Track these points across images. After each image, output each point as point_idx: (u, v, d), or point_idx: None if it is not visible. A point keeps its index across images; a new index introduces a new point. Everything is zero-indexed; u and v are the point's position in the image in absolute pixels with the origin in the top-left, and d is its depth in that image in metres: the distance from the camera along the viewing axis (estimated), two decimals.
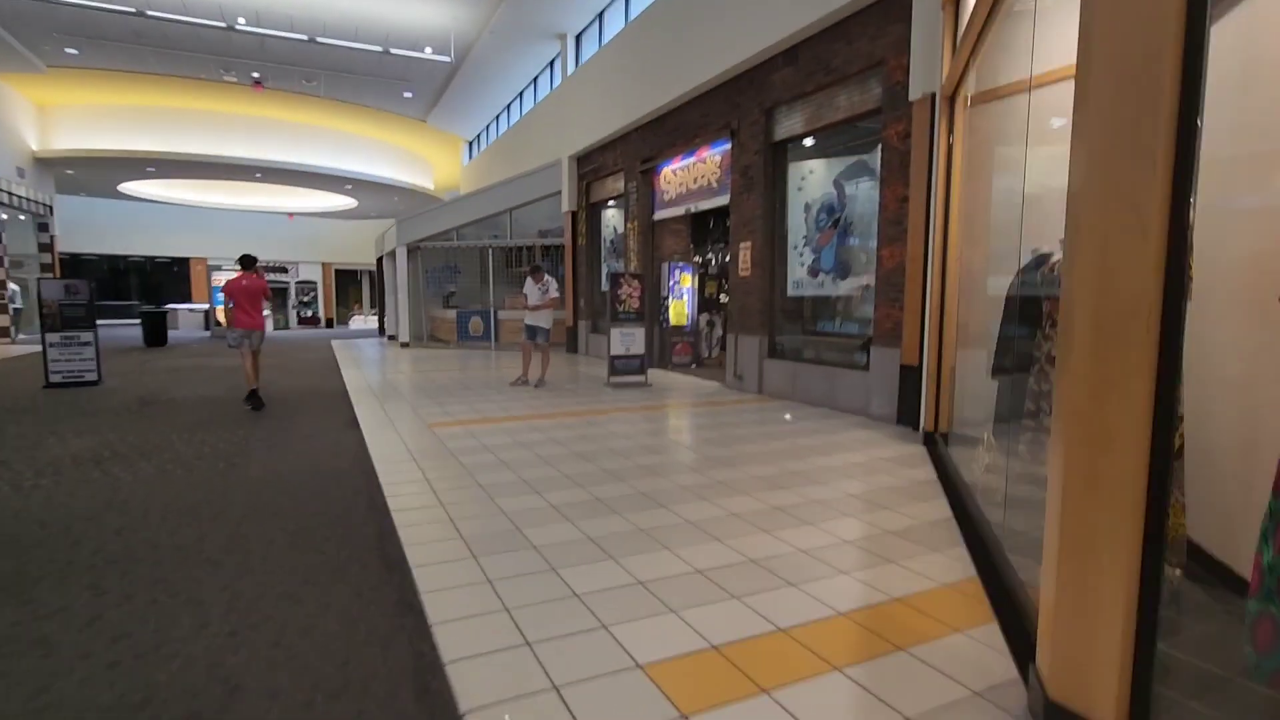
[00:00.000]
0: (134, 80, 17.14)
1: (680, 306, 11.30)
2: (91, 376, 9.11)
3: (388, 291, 19.26)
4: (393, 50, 14.04)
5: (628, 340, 9.08)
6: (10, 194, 16.94)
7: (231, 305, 7.75)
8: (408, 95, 17.68)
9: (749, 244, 8.43)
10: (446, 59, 14.59)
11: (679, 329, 11.30)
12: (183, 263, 29.69)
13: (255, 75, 16.35)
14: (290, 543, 3.34)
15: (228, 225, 28.48)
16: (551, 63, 15.66)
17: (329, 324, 31.19)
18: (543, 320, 9.04)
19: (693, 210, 10.10)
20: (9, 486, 4.33)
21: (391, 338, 18.98)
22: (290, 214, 29.16)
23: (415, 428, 6.16)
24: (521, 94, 17.78)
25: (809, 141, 7.84)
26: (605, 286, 13.33)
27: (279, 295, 29.58)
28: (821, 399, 7.34)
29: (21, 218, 18.34)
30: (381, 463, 4.80)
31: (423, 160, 24.51)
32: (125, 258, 29.50)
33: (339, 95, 17.93)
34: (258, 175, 20.91)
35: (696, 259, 11.95)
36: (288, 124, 20.25)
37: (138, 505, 3.93)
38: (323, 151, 20.66)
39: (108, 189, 23.55)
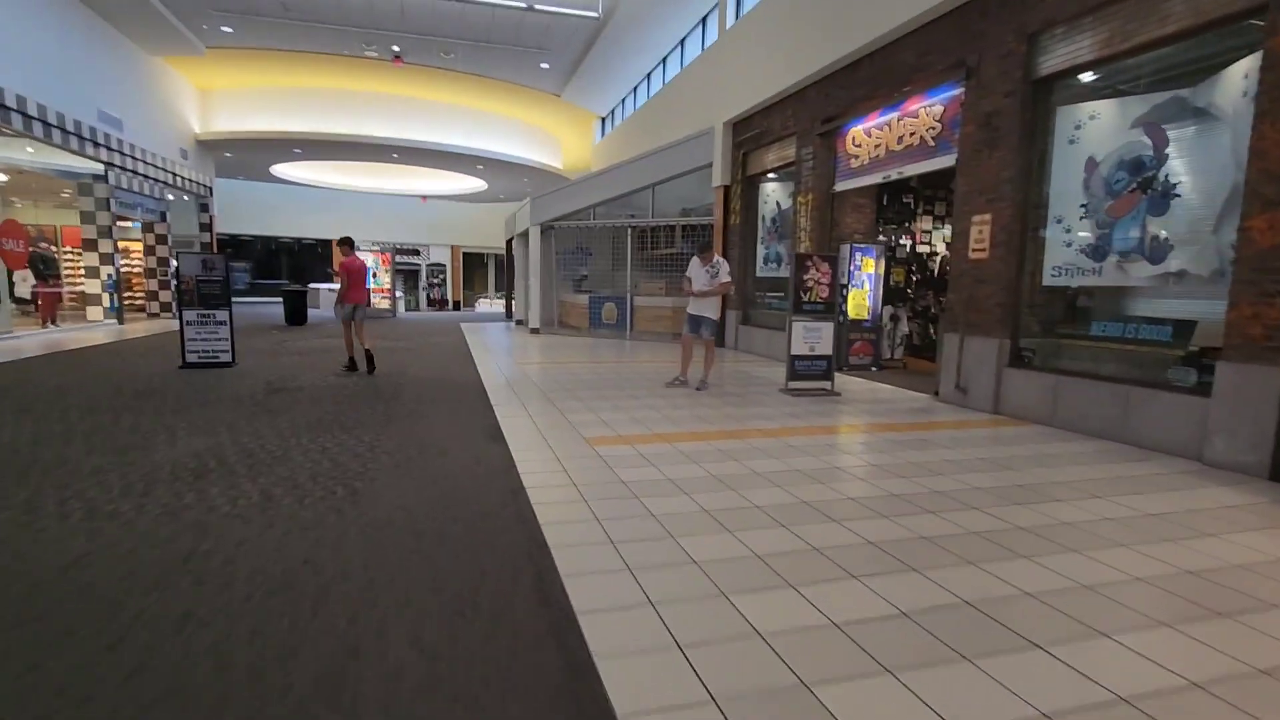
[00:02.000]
0: (283, 60, 17.27)
1: (860, 297, 9.40)
2: (226, 358, 8.59)
3: (517, 275, 18.52)
4: (537, 6, 12.95)
5: (812, 337, 7.35)
6: (175, 174, 17.65)
7: (346, 280, 8.39)
8: (544, 66, 16.69)
9: (987, 217, 6.44)
10: (593, 14, 13.33)
11: (858, 323, 9.41)
12: (326, 244, 30.93)
13: (395, 49, 15.91)
14: (429, 659, 1.98)
15: (366, 208, 29.26)
16: (705, 18, 14.00)
17: (456, 306, 31.50)
18: (709, 309, 7.51)
19: (895, 176, 8.15)
20: (82, 512, 3.34)
21: (519, 322, 18.25)
22: (423, 197, 29.53)
23: (573, 446, 4.82)
24: (665, 59, 16.29)
25: (1088, 76, 5.74)
26: (764, 271, 11.62)
27: (411, 277, 30.17)
28: (1104, 428, 5.31)
29: (185, 198, 19.17)
30: (545, 511, 3.43)
31: (553, 140, 23.72)
32: (277, 239, 31.12)
33: (475, 69, 17.25)
34: (395, 155, 20.86)
35: (882, 239, 9.95)
36: (423, 103, 19.97)
37: (220, 563, 2.76)
38: (456, 131, 20.25)
39: (261, 172, 24.58)
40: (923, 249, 10.56)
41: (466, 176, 25.00)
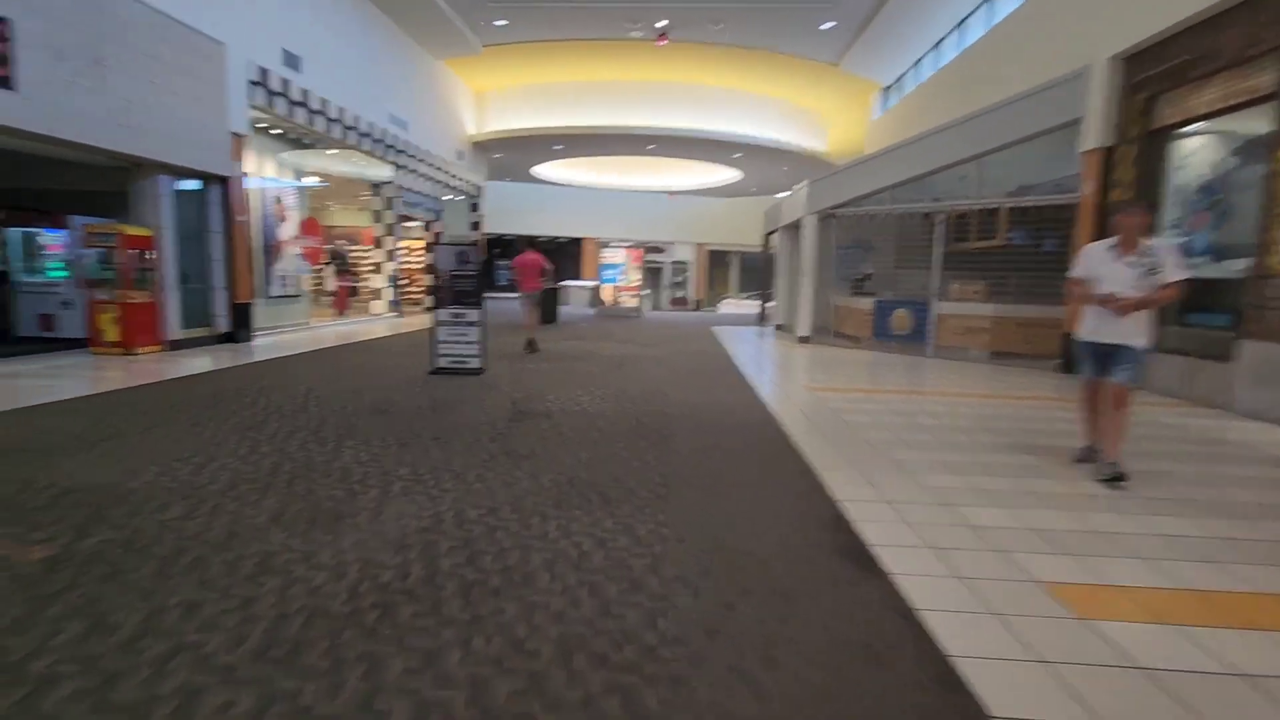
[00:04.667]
0: (548, 54, 16.96)
1: None
2: (475, 364, 7.54)
3: (779, 273, 16.22)
4: None
5: None
6: (452, 175, 18.40)
7: (517, 274, 10.09)
8: (827, 27, 14.10)
9: None
10: None
11: None
12: (577, 242, 31.65)
13: (659, 25, 14.53)
14: None
15: (615, 205, 29.20)
16: None
17: (697, 307, 30.23)
18: (1134, 334, 4.19)
19: None
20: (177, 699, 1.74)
21: (779, 328, 15.93)
22: (671, 193, 28.65)
23: (1029, 602, 2.35)
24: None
25: None
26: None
27: (652, 275, 29.54)
28: None
29: (459, 199, 20.09)
30: None
31: (818, 121, 20.98)
32: (535, 238, 32.62)
33: (744, 39, 15.27)
34: (651, 146, 19.83)
35: None
36: (681, 87, 18.58)
37: None
38: (715, 116, 18.54)
39: (522, 173, 25.44)
40: None
41: (720, 168, 23.34)
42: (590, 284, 25.55)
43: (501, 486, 3.66)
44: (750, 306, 24.74)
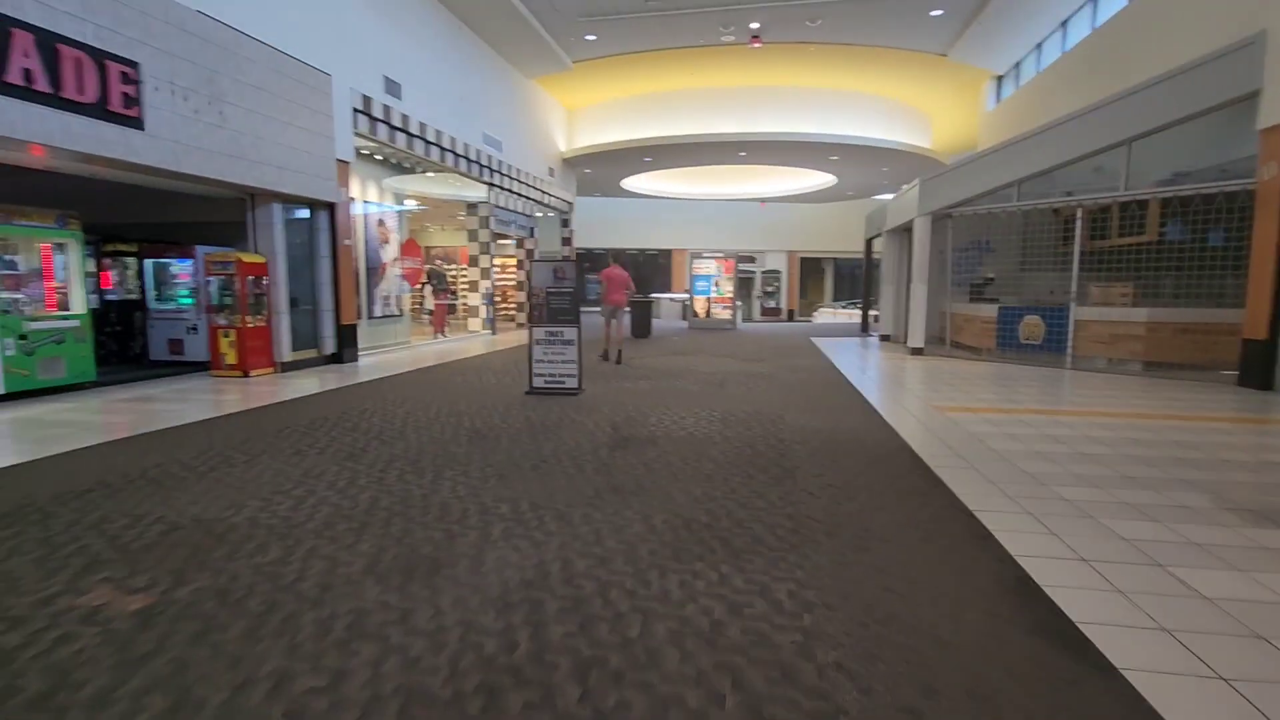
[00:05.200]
0: (638, 66, 16.80)
1: None
2: (572, 384, 7.26)
3: (884, 280, 15.21)
4: None
5: None
6: (545, 192, 18.57)
7: (603, 287, 10.51)
8: (937, 14, 13.11)
9: None
10: None
11: None
12: (667, 254, 31.41)
13: (754, 26, 14.02)
14: None
15: (706, 215, 28.78)
16: None
17: (790, 316, 29.20)
18: None
19: None
20: None
21: (885, 338, 14.92)
22: (762, 201, 27.91)
23: None
24: None
25: None
26: None
27: (744, 285, 28.79)
28: None
29: (550, 215, 20.27)
30: None
31: (922, 117, 19.73)
32: (623, 250, 32.64)
33: (843, 36, 14.49)
34: (742, 154, 19.29)
35: None
36: (774, 90, 17.94)
37: None
38: (809, 117, 17.78)
39: (612, 187, 25.47)
40: None
41: (813, 173, 22.45)
42: (682, 296, 25.18)
43: (610, 530, 3.27)
44: (848, 316, 23.56)
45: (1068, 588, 2.65)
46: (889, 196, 21.65)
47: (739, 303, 20.24)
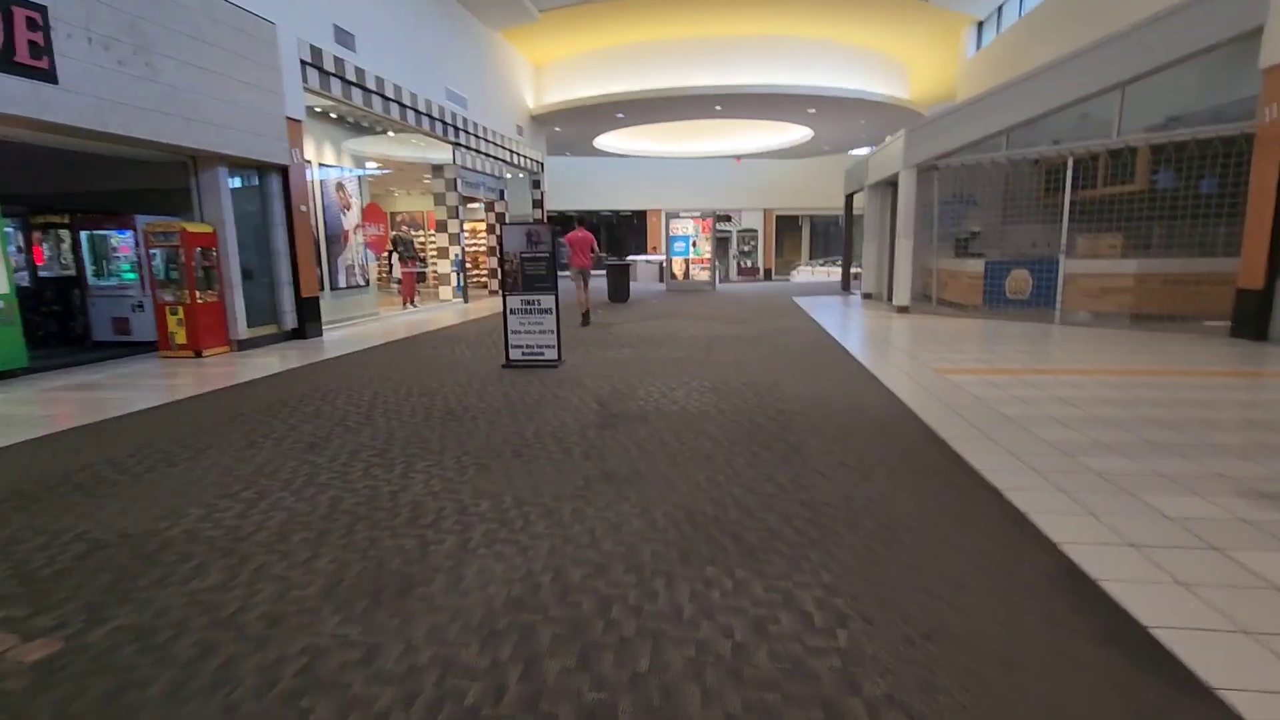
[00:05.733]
0: (607, 15, 15.91)
1: None
2: (551, 355, 6.82)
3: (866, 237, 14.85)
4: None
5: None
6: (513, 152, 17.73)
7: (570, 251, 10.52)
8: None
9: None
10: None
11: None
12: (641, 215, 30.68)
13: None
14: None
15: (680, 174, 28.07)
16: None
17: (767, 275, 28.85)
18: None
19: None
20: None
21: (867, 295, 14.65)
22: (738, 157, 27.23)
23: None
24: None
25: None
26: None
27: (721, 244, 28.26)
28: None
29: (520, 176, 19.44)
30: None
31: (899, 67, 19.15)
32: (596, 213, 31.80)
33: None
34: (718, 107, 18.58)
35: None
36: (749, 41, 17.18)
37: None
38: (785, 68, 17.11)
39: (584, 147, 24.57)
40: None
41: (790, 127, 21.82)
42: (658, 258, 24.62)
43: (606, 528, 2.89)
44: (826, 274, 23.27)
45: (1125, 581, 2.34)
46: (866, 151, 21.17)
47: (716, 263, 19.78)
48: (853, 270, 18.20)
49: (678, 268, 18.54)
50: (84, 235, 8.83)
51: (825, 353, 7.57)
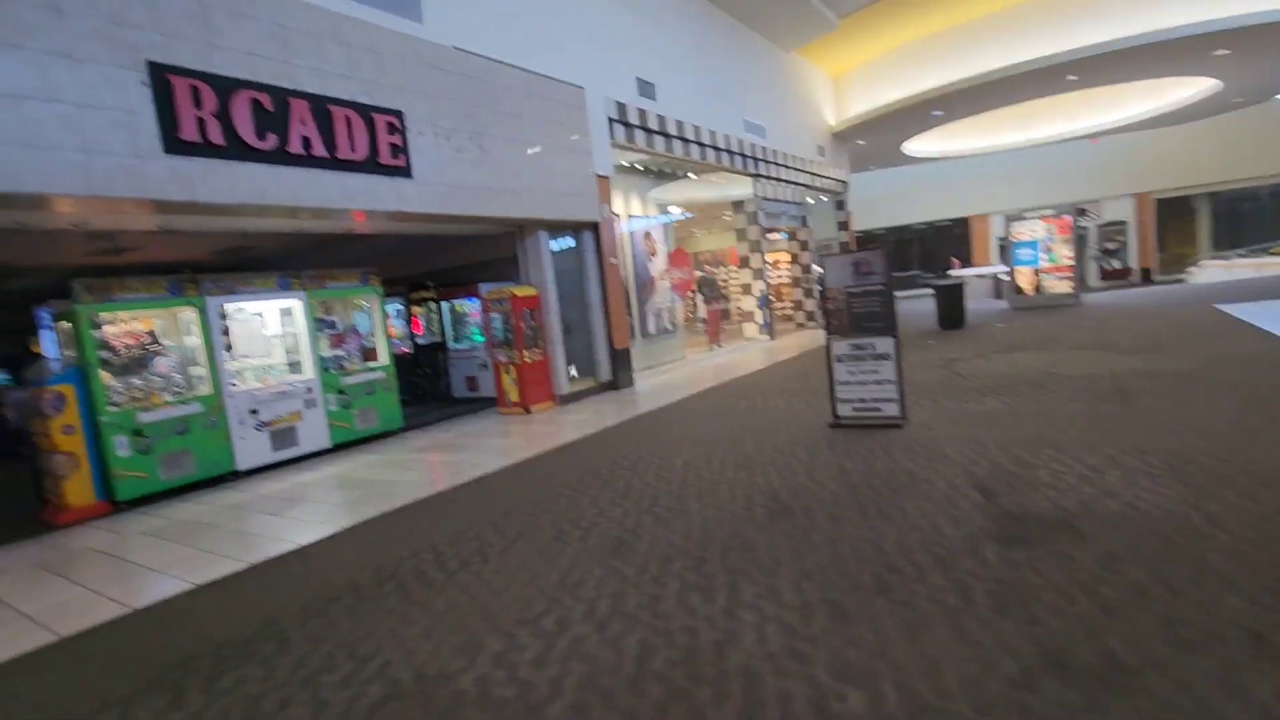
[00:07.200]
0: (910, 3, 13.94)
1: None
2: (891, 410, 5.41)
3: None
4: None
5: None
6: (815, 174, 16.61)
7: None
8: None
9: None
10: None
11: None
12: (962, 222, 26.80)
13: None
14: None
15: (1013, 168, 23.80)
16: None
17: (1145, 277, 22.57)
18: None
19: None
20: None
21: None
22: (1094, 137, 22.00)
23: None
24: None
25: None
26: None
27: (1076, 244, 22.93)
28: None
29: (823, 199, 18.16)
30: None
31: None
32: (907, 227, 28.73)
33: None
34: (1071, 78, 14.98)
35: None
36: None
37: None
38: (1173, 2, 12.96)
39: (892, 155, 22.23)
40: None
41: (1176, 84, 16.74)
42: (989, 270, 20.93)
43: None
44: (1253, 269, 17.08)
45: None
46: None
47: (1080, 270, 15.79)
48: None
49: (1024, 280, 15.20)
50: (445, 305, 10.13)
51: None
